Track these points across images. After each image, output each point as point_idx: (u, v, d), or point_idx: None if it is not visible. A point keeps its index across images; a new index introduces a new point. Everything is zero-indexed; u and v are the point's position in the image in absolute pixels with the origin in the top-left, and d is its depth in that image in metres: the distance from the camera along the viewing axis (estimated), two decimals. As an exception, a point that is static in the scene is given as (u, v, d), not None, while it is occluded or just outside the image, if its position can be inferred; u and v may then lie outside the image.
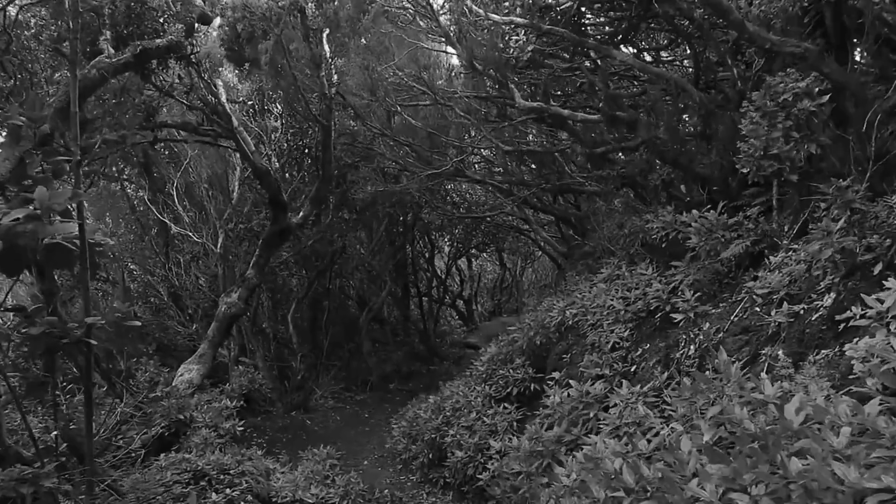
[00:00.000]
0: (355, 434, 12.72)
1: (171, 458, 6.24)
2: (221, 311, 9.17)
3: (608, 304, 7.18)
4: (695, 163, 6.67)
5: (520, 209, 15.59)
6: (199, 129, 8.96)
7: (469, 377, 9.61)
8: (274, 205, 9.36)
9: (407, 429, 9.77)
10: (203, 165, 13.02)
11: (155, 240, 14.54)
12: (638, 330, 6.69)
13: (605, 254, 9.83)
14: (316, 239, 13.60)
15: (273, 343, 15.71)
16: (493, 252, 27.17)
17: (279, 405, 12.94)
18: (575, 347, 7.97)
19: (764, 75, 5.68)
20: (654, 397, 5.16)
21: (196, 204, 13.55)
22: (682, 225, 6.30)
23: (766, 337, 4.45)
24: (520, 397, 8.51)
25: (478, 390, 8.84)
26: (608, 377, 6.17)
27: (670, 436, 3.94)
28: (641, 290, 6.91)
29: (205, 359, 8.77)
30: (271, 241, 9.58)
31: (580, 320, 7.79)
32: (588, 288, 8.37)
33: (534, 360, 8.75)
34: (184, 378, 8.30)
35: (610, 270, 8.15)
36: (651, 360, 6.02)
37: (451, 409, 8.93)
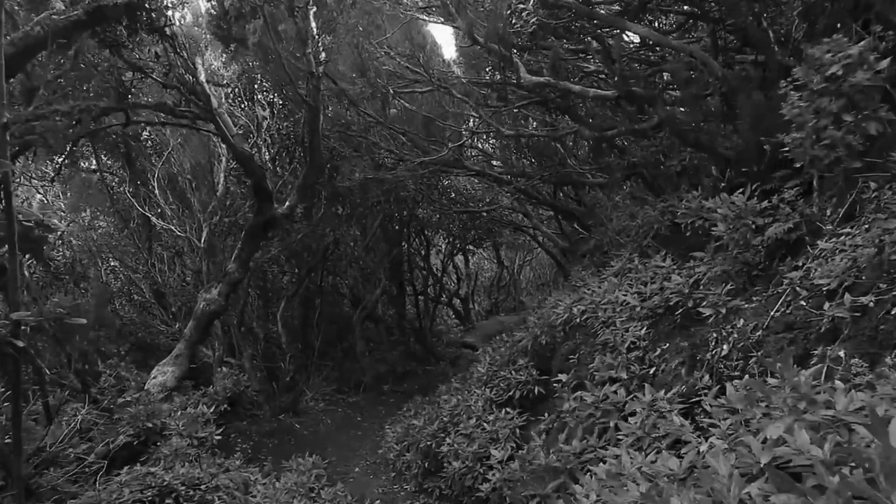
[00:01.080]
0: (347, 439, 12.05)
1: (134, 472, 5.56)
2: (200, 309, 8.48)
3: (621, 299, 6.53)
4: (718, 144, 6.03)
5: (519, 203, 14.97)
6: (176, 110, 8.27)
7: (468, 379, 8.95)
8: (258, 193, 8.66)
9: (401, 435, 9.12)
10: (186, 156, 12.32)
11: (137, 234, 13.83)
12: (655, 328, 6.04)
13: (613, 247, 9.19)
14: (306, 233, 12.91)
15: (262, 343, 15.03)
16: (490, 248, 26.56)
17: (267, 408, 12.26)
18: (583, 347, 7.32)
19: (804, 46, 5.05)
20: (680, 404, 4.51)
21: (179, 196, 12.87)
22: (708, 211, 5.66)
23: (817, 335, 3.81)
24: (523, 401, 7.86)
25: (477, 394, 8.19)
26: (625, 381, 5.51)
27: (708, 453, 3.30)
28: (658, 283, 6.27)
29: (181, 360, 8.08)
30: (255, 233, 8.88)
31: (589, 318, 7.15)
32: (597, 283, 7.72)
33: (538, 360, 8.10)
34: (157, 381, 7.61)
35: (621, 263, 7.50)
36: (672, 361, 5.37)
37: (448, 415, 8.28)
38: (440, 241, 23.32)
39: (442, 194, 17.95)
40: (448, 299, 25.23)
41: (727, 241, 5.38)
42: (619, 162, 8.22)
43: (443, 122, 10.30)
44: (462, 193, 19.43)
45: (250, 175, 8.56)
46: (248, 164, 8.30)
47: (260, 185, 8.53)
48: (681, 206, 6.13)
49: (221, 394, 11.24)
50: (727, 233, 5.36)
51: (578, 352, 7.33)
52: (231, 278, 8.82)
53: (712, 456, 3.28)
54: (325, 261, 14.68)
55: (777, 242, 5.05)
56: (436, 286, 22.81)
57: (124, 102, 7.63)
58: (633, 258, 7.41)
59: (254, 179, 8.51)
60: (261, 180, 8.45)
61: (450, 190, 18.63)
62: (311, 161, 9.23)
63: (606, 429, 5.26)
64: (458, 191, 19.29)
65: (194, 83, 7.82)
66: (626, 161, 8.20)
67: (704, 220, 5.90)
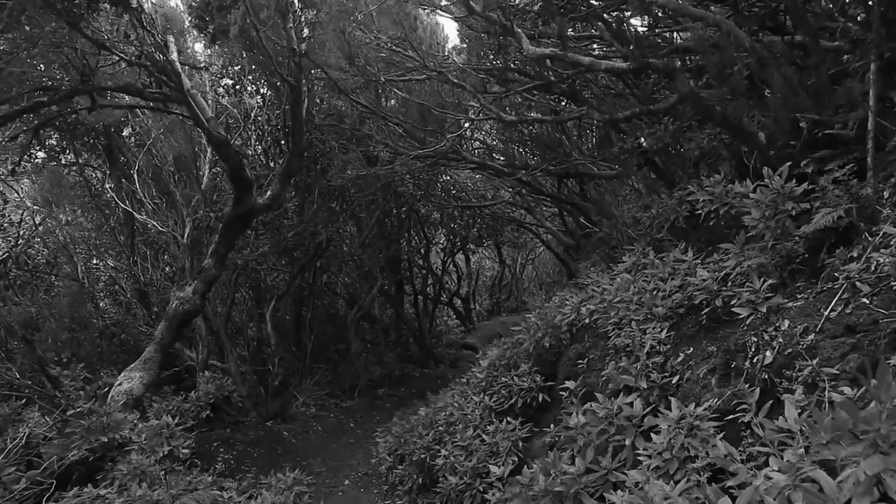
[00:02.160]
0: (338, 447, 11.36)
1: (83, 495, 4.87)
2: (172, 308, 7.78)
3: (636, 297, 5.81)
4: (746, 122, 5.32)
5: (521, 198, 14.27)
6: (146, 92, 7.58)
7: (466, 385, 8.24)
8: (236, 181, 7.94)
9: (393, 445, 8.42)
10: (170, 147, 11.64)
11: (119, 230, 13.16)
12: (677, 330, 5.33)
13: (624, 241, 8.49)
14: (296, 230, 12.22)
15: (253, 344, 14.36)
16: (492, 247, 25.92)
17: (254, 414, 11.57)
18: (593, 351, 6.61)
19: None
20: (713, 420, 3.81)
21: (163, 190, 12.19)
22: (738, 197, 4.94)
23: (890, 340, 3.10)
24: (525, 410, 7.15)
25: (475, 401, 7.48)
26: (644, 391, 4.80)
27: (767, 490, 2.59)
28: (679, 279, 5.55)
29: (150, 364, 7.39)
30: (233, 226, 8.16)
31: (600, 318, 6.43)
32: (608, 280, 7.01)
33: (542, 365, 7.39)
34: (122, 388, 6.91)
35: (634, 258, 6.78)
36: (699, 368, 4.65)
37: (444, 424, 7.57)
38: (440, 239, 22.66)
39: (442, 190, 17.28)
40: (448, 299, 24.55)
41: (762, 231, 4.67)
42: (630, 149, 7.51)
43: (440, 109, 9.59)
44: (463, 189, 18.77)
45: (227, 161, 7.85)
46: (224, 150, 7.59)
47: (238, 173, 7.81)
48: (702, 192, 5.41)
49: (204, 399, 10.57)
50: (762, 221, 4.65)
51: (587, 356, 6.62)
52: (207, 275, 8.11)
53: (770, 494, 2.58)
54: (318, 258, 13.99)
55: (822, 231, 4.33)
56: (436, 285, 22.12)
57: (88, 84, 6.95)
58: (648, 252, 6.69)
59: (231, 166, 7.78)
60: (238, 167, 7.74)
61: (450, 186, 17.97)
62: (294, 147, 8.52)
63: (622, 447, 4.56)
64: (459, 186, 18.63)
65: (165, 62, 7.11)
66: (637, 146, 7.48)
67: (731, 208, 5.20)
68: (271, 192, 8.59)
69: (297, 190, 13.78)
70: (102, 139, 12.82)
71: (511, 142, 13.47)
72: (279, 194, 8.86)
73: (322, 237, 12.52)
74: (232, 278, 12.53)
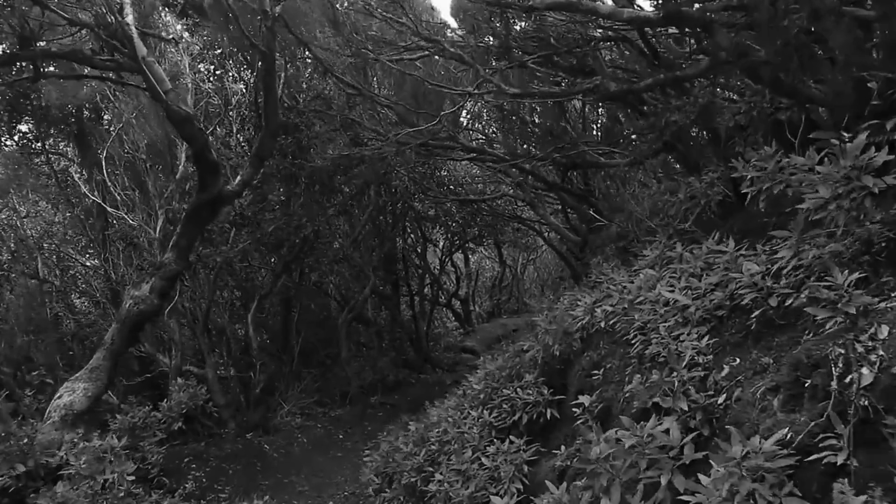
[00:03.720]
0: (324, 461, 10.39)
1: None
2: (125, 309, 6.79)
3: (666, 297, 4.85)
4: (802, 85, 4.36)
5: (524, 190, 13.30)
6: (96, 60, 6.64)
7: (462, 397, 7.28)
8: (201, 164, 6.97)
9: (381, 465, 7.46)
10: (143, 133, 10.69)
11: (89, 223, 12.21)
12: (717, 336, 4.37)
13: (641, 234, 7.54)
14: (279, 225, 11.27)
15: (235, 348, 13.40)
16: (491, 246, 24.99)
17: (232, 425, 10.60)
18: (610, 360, 5.66)
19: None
20: (786, 458, 2.85)
21: (136, 180, 11.26)
22: (797, 172, 3.99)
23: None
24: (531, 426, 6.20)
25: (473, 416, 6.52)
26: (682, 413, 3.84)
27: None
28: (719, 275, 4.59)
29: (98, 373, 6.43)
30: (198, 215, 7.18)
31: (618, 321, 5.48)
32: (627, 277, 6.06)
33: (549, 376, 6.44)
34: (61, 402, 5.92)
35: (658, 252, 5.83)
36: (753, 386, 3.70)
37: (437, 442, 6.61)
38: (438, 238, 21.72)
39: (439, 185, 16.35)
40: (446, 300, 23.59)
41: (833, 213, 3.71)
42: (646, 130, 6.57)
43: (435, 83, 8.64)
44: (461, 184, 17.85)
45: (190, 141, 6.87)
46: (187, 127, 6.62)
47: (203, 155, 6.83)
48: (749, 168, 4.45)
49: (176, 409, 9.59)
50: (832, 200, 3.69)
51: (604, 365, 5.66)
52: (167, 271, 7.13)
53: None
54: (304, 255, 13.01)
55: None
56: (433, 286, 21.15)
57: (29, 50, 6.02)
58: (675, 244, 5.73)
59: (194, 147, 6.80)
60: (203, 148, 6.75)
61: (447, 181, 17.04)
62: (268, 125, 7.56)
63: (656, 485, 3.60)
64: (457, 181, 17.72)
65: (116, 24, 6.17)
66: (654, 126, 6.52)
67: (787, 186, 4.25)
68: (241, 178, 7.62)
69: (283, 182, 12.84)
70: (74, 124, 11.92)
71: (511, 133, 12.54)
72: (250, 180, 7.89)
73: (308, 231, 11.56)
74: (211, 277, 11.57)
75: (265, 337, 15.19)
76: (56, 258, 12.62)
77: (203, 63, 12.69)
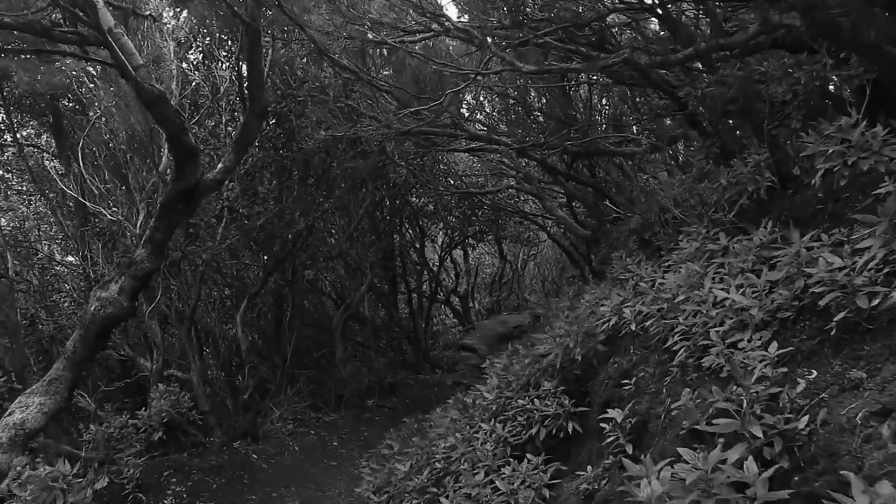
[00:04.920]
0: (317, 472, 9.67)
1: None
2: (90, 312, 6.01)
3: (716, 296, 4.14)
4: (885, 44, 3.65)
5: (530, 182, 12.59)
6: (54, 32, 5.88)
7: (471, 406, 6.56)
8: (177, 150, 6.19)
9: (380, 482, 6.74)
10: (123, 122, 9.92)
11: (69, 219, 11.45)
12: (782, 342, 3.65)
13: (668, 226, 6.83)
14: (268, 218, 10.51)
15: (224, 351, 12.66)
16: (492, 242, 24.31)
17: (218, 433, 9.86)
18: (643, 367, 4.96)
19: None
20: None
21: (117, 173, 10.50)
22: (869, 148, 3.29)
23: None
24: (549, 442, 5.50)
25: (484, 430, 5.80)
26: (755, 440, 3.12)
27: None
28: (785, 271, 3.88)
29: (57, 386, 5.66)
30: (174, 206, 6.40)
31: (654, 323, 4.78)
32: (660, 273, 5.35)
33: (570, 384, 5.74)
34: (11, 420, 5.13)
35: (697, 244, 5.12)
36: (841, 407, 2.99)
37: (443, 460, 5.89)
38: (437, 233, 21.00)
39: (439, 178, 15.63)
40: (445, 297, 22.88)
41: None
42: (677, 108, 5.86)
43: (439, 62, 7.90)
44: (461, 177, 17.14)
45: (163, 124, 6.08)
46: (159, 108, 5.83)
47: (179, 139, 6.03)
48: (823, 142, 3.74)
49: (156, 418, 8.88)
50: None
51: (635, 374, 4.96)
52: (139, 269, 6.33)
53: None
54: (296, 251, 12.26)
55: None
56: (432, 283, 20.43)
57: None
58: (716, 236, 5.02)
59: (168, 130, 6.00)
60: (179, 131, 5.96)
61: (447, 174, 16.32)
62: (252, 105, 6.79)
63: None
64: (457, 174, 17.00)
65: (78, -9, 5.43)
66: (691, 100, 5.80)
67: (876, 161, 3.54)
68: (223, 165, 6.84)
69: (276, 175, 12.09)
70: (49, 114, 11.16)
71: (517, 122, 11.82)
72: (233, 167, 7.12)
73: (300, 226, 10.81)
74: (198, 275, 10.81)
75: (257, 338, 14.47)
76: (33, 256, 11.85)
77: (192, 52, 11.97)
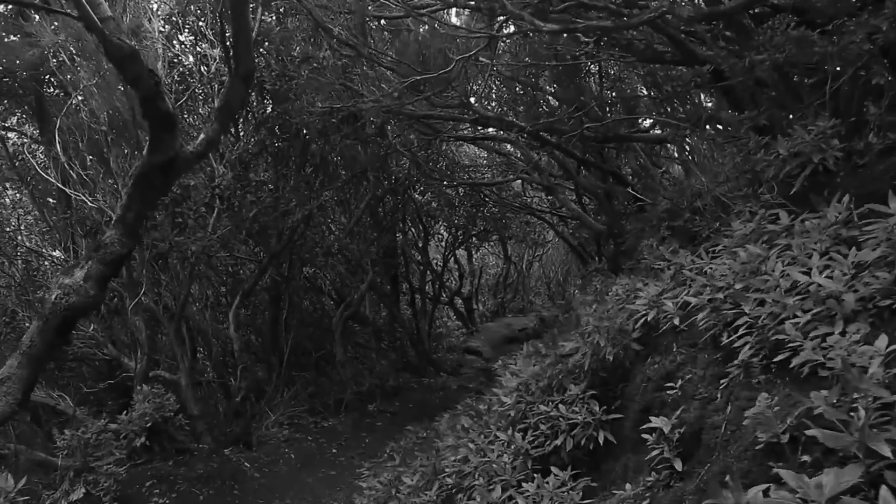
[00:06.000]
0: (314, 482, 8.95)
1: None
2: (51, 302, 5.29)
3: (793, 281, 3.42)
4: None
5: (541, 174, 11.91)
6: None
7: (486, 413, 5.83)
8: (151, 117, 5.42)
9: (382, 496, 6.01)
10: (103, 101, 9.23)
11: (51, 207, 10.76)
12: (885, 336, 2.92)
13: (700, 210, 6.12)
14: (261, 208, 9.79)
15: (216, 350, 11.94)
16: (496, 242, 23.65)
17: (208, 439, 9.14)
18: (691, 368, 4.24)
19: None
20: None
21: (99, 157, 9.82)
22: None
23: None
24: (575, 453, 4.77)
25: (501, 440, 5.07)
26: (868, 457, 2.40)
27: None
28: (880, 250, 3.17)
29: (10, 386, 4.93)
30: (148, 182, 5.62)
31: (705, 316, 4.06)
32: (706, 259, 4.64)
33: (599, 388, 5.01)
34: (-49, 425, 4.43)
35: (754, 224, 4.39)
36: None
37: (454, 473, 5.16)
38: (441, 232, 20.31)
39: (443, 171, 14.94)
40: (449, 298, 22.17)
41: None
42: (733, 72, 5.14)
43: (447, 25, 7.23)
44: (466, 171, 16.45)
45: (135, 86, 5.29)
46: (130, 67, 5.07)
47: (152, 102, 5.27)
48: None
49: (138, 422, 8.14)
50: None
51: (680, 376, 4.23)
52: (108, 253, 5.57)
53: None
54: (293, 245, 11.53)
55: None
56: (435, 283, 19.71)
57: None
58: (777, 214, 4.31)
59: (140, 91, 5.25)
60: (153, 95, 5.20)
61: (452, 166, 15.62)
62: (237, 67, 6.05)
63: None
64: (463, 168, 16.32)
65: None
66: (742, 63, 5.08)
67: None
68: (205, 136, 6.10)
69: (272, 165, 11.39)
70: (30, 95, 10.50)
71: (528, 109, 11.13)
72: (216, 138, 6.37)
73: (297, 217, 10.09)
74: (187, 268, 10.09)
75: (253, 338, 13.75)
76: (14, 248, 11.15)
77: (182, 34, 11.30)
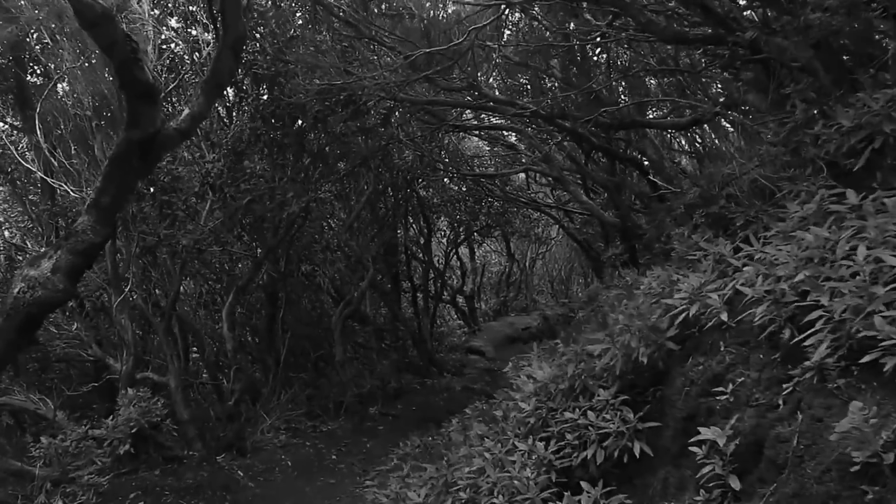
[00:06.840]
0: (312, 491, 8.39)
1: None
2: (13, 296, 4.70)
3: (875, 266, 2.86)
4: None
5: (551, 165, 11.37)
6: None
7: (502, 419, 5.26)
8: (128, 87, 4.77)
9: (385, 511, 5.46)
10: (87, 85, 8.67)
11: (34, 200, 10.21)
12: None
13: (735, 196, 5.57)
14: (253, 197, 9.22)
15: (209, 351, 11.39)
16: (499, 238, 23.12)
17: (199, 446, 8.58)
18: (743, 371, 3.70)
19: None
20: None
21: (83, 144, 9.26)
22: None
23: None
24: (605, 465, 4.21)
25: (521, 450, 4.51)
26: None
27: None
28: None
29: (-36, 392, 4.36)
30: (127, 162, 4.99)
31: (764, 311, 3.51)
32: (759, 245, 4.07)
33: (629, 392, 4.45)
34: None
35: (814, 205, 3.84)
36: None
37: (468, 488, 4.60)
38: (443, 227, 19.79)
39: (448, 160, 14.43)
40: (451, 296, 21.64)
41: None
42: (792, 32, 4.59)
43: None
44: (470, 163, 15.92)
45: (109, 52, 4.66)
46: (104, 30, 4.43)
47: (130, 70, 4.65)
48: None
49: (123, 428, 7.59)
50: None
51: (730, 379, 3.68)
52: (80, 241, 4.95)
53: None
54: (290, 240, 10.96)
55: None
56: (437, 281, 19.16)
57: None
58: (839, 192, 3.75)
59: (116, 57, 4.65)
60: (130, 61, 4.60)
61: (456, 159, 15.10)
62: (225, 35, 5.45)
63: None
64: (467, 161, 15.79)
65: None
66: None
67: None
68: (189, 111, 5.49)
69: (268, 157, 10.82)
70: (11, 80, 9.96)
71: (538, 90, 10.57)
72: (201, 114, 5.77)
73: (294, 209, 9.52)
74: (177, 263, 9.54)
75: (248, 337, 13.20)
76: None
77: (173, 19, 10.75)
